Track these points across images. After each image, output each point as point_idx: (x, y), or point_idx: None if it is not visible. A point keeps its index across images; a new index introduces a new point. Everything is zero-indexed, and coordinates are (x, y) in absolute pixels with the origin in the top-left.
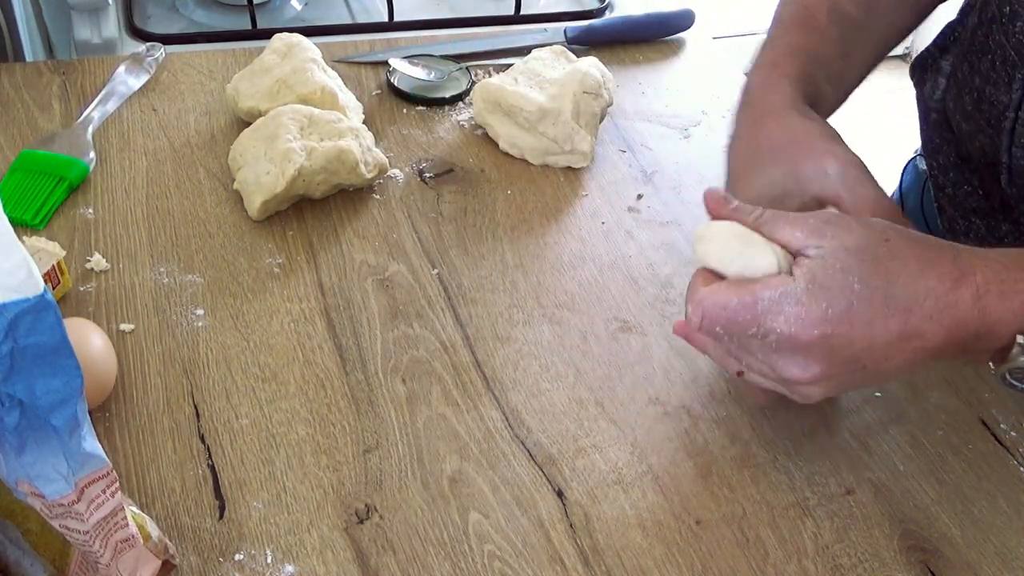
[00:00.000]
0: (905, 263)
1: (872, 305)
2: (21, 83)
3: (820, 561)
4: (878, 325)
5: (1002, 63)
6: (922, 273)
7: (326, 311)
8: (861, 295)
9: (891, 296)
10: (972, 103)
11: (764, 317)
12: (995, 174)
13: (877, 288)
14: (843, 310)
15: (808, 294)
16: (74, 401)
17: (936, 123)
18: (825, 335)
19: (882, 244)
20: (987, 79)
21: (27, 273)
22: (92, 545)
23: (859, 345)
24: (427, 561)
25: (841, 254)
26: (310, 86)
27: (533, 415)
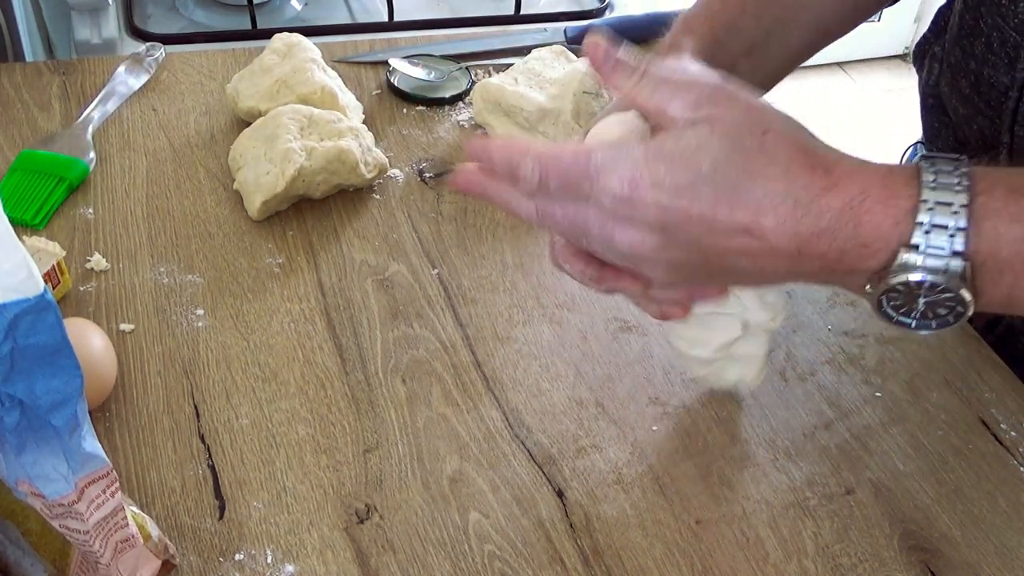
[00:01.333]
0: (772, 161)
1: (717, 189)
2: (21, 83)
3: (820, 561)
4: (722, 210)
5: (1000, 44)
6: (786, 174)
7: (326, 311)
8: (708, 177)
9: (743, 188)
10: (969, 86)
11: (598, 173)
12: (994, 157)
13: (729, 176)
14: (683, 183)
15: (648, 158)
16: (74, 401)
17: (933, 108)
18: (659, 202)
19: (758, 135)
20: (984, 61)
21: (27, 273)
22: (92, 545)
23: (696, 225)
24: (427, 561)
25: (703, 131)
26: (310, 86)
27: (533, 415)
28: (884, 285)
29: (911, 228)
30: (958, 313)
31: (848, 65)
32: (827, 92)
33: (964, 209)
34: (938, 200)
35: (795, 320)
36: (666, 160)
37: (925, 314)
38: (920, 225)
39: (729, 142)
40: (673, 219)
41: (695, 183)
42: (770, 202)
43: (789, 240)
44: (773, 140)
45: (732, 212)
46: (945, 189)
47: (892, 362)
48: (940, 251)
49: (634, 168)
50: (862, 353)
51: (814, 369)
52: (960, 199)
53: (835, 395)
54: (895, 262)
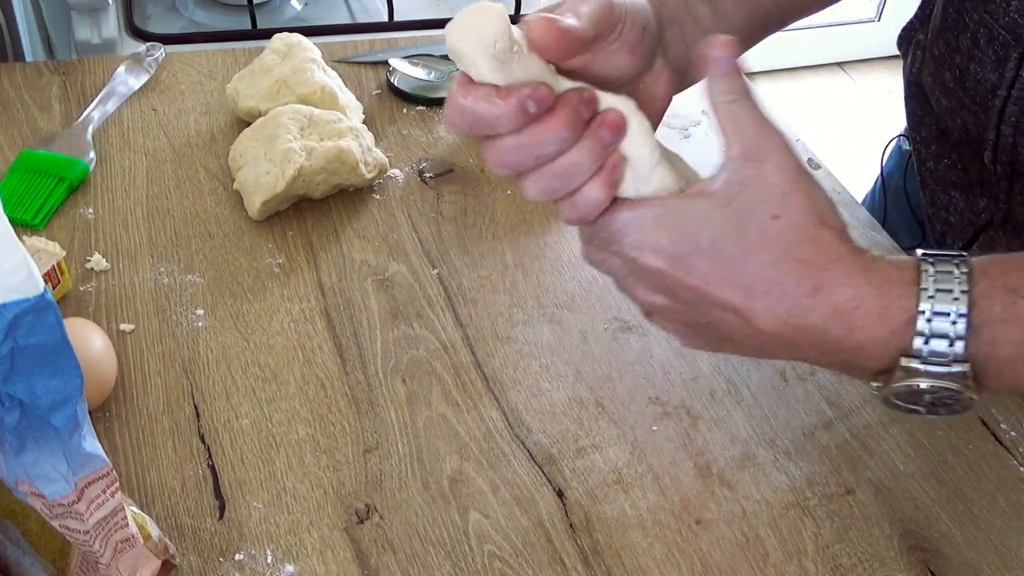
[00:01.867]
0: (771, 247)
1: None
2: (21, 83)
3: (820, 561)
4: (713, 284)
5: (988, 41)
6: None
7: (326, 311)
8: (705, 251)
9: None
10: (954, 80)
11: (618, 235)
12: (977, 150)
13: (724, 254)
14: (681, 253)
15: (653, 224)
16: (74, 401)
17: (916, 96)
18: (660, 269)
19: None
20: (970, 57)
21: (27, 273)
22: (92, 545)
23: (694, 296)
24: (427, 561)
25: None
26: (310, 86)
27: (533, 415)
28: (890, 388)
29: (911, 337)
30: (964, 405)
31: (848, 65)
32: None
33: (963, 319)
34: (936, 310)
35: None
36: (671, 228)
37: (933, 404)
38: (920, 335)
39: (735, 220)
40: (672, 284)
41: (691, 254)
42: (760, 287)
43: (778, 327)
44: (779, 227)
45: (722, 289)
46: (944, 295)
47: None
48: (941, 359)
49: (643, 234)
50: None
51: (814, 369)
52: (959, 307)
53: (835, 395)
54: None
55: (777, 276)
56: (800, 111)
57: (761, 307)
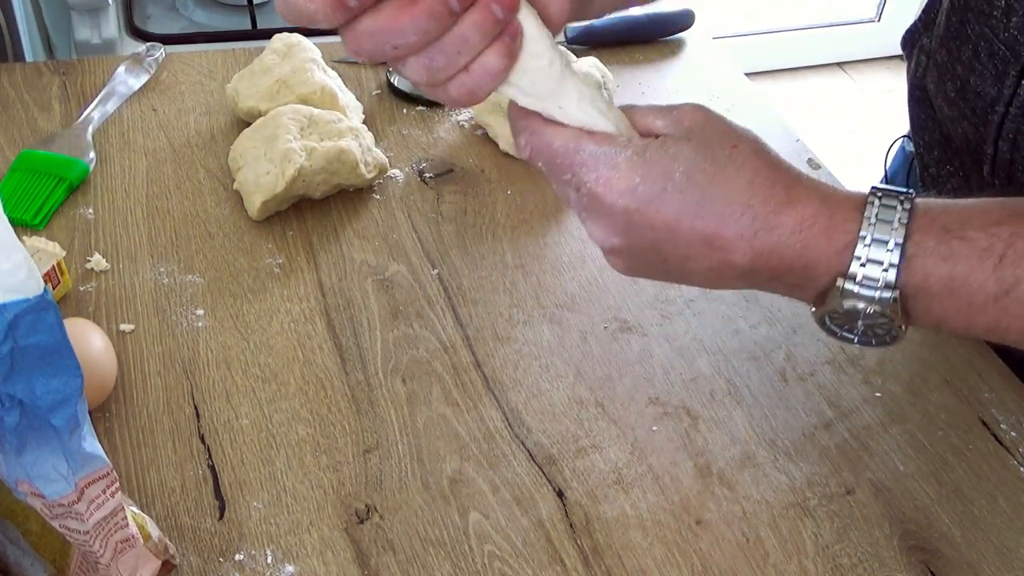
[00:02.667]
0: (738, 173)
1: (685, 199)
2: (21, 83)
3: (820, 561)
4: (685, 220)
5: (988, 56)
6: (749, 188)
7: (326, 311)
8: (679, 185)
9: (708, 199)
10: (955, 90)
11: (579, 168)
12: (977, 161)
13: (697, 185)
14: (653, 192)
15: (628, 162)
16: (74, 401)
17: (920, 100)
18: (627, 208)
19: (728, 147)
20: (971, 69)
21: (27, 273)
22: (92, 545)
23: (660, 232)
24: (427, 561)
25: (681, 142)
26: (310, 86)
27: (533, 415)
28: (825, 308)
29: (849, 259)
30: (893, 335)
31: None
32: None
33: (898, 248)
34: (875, 237)
35: (795, 320)
36: (644, 166)
37: (865, 333)
38: (857, 259)
39: (702, 150)
40: (638, 224)
41: (665, 192)
42: (731, 213)
43: (744, 253)
44: (741, 152)
45: (694, 222)
46: (884, 225)
47: (892, 362)
48: (874, 283)
49: (612, 171)
50: (862, 353)
51: (814, 369)
52: (896, 237)
53: (835, 395)
54: (834, 287)
55: (748, 197)
56: (800, 111)
57: (732, 234)
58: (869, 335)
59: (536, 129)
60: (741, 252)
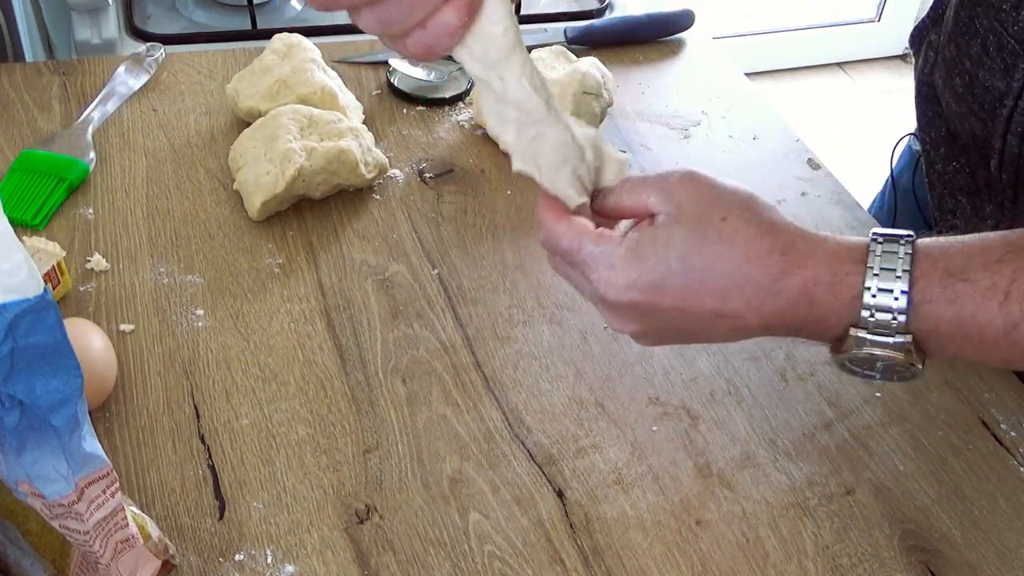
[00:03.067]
0: (732, 247)
1: (687, 281)
2: (21, 83)
3: (820, 561)
4: (691, 300)
5: (997, 50)
6: (747, 261)
7: (326, 311)
8: (676, 271)
9: (708, 278)
10: (963, 85)
11: (584, 267)
12: (984, 156)
13: (694, 268)
14: (653, 282)
15: (624, 260)
16: (74, 401)
17: (927, 97)
18: (632, 301)
19: (719, 222)
20: (979, 64)
21: (27, 273)
22: (92, 545)
23: (672, 313)
24: (427, 561)
25: (672, 226)
26: (310, 86)
27: (533, 415)
28: (844, 355)
29: (859, 310)
30: (913, 373)
31: (848, 65)
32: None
33: (904, 295)
34: (880, 287)
35: None
36: (639, 260)
37: (885, 371)
38: (866, 309)
39: (694, 231)
40: (648, 312)
41: (665, 280)
42: (733, 288)
43: (756, 319)
44: (732, 224)
45: (701, 300)
46: (887, 273)
47: None
48: (886, 329)
49: (610, 271)
50: None
51: (814, 369)
52: (900, 285)
53: (835, 395)
54: (848, 337)
55: (747, 272)
56: (800, 111)
57: (740, 304)
58: (890, 373)
59: (548, 227)
60: (752, 318)
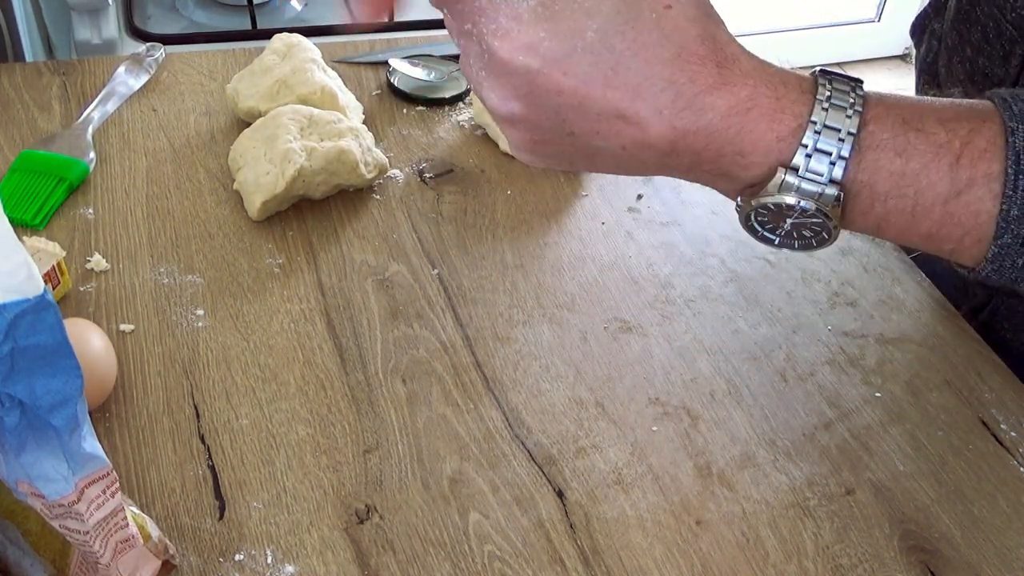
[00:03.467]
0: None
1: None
2: (21, 83)
3: (820, 561)
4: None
5: (996, 36)
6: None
7: (326, 311)
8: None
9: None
10: (964, 72)
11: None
12: None
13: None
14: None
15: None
16: (74, 401)
17: (928, 85)
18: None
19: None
20: (979, 50)
21: (27, 273)
22: (92, 545)
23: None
24: (427, 561)
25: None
26: (310, 86)
27: (533, 415)
28: (756, 202)
29: (794, 149)
30: (822, 238)
31: (848, 65)
32: None
33: (851, 137)
34: (827, 124)
35: (795, 320)
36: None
37: (790, 234)
38: (803, 147)
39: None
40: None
41: (573, 53)
42: (650, 88)
43: (663, 132)
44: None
45: (606, 92)
46: (837, 111)
47: (892, 362)
48: (818, 177)
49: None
50: (862, 353)
51: (814, 369)
52: (849, 125)
53: (835, 395)
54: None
55: (672, 74)
56: None
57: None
58: (793, 237)
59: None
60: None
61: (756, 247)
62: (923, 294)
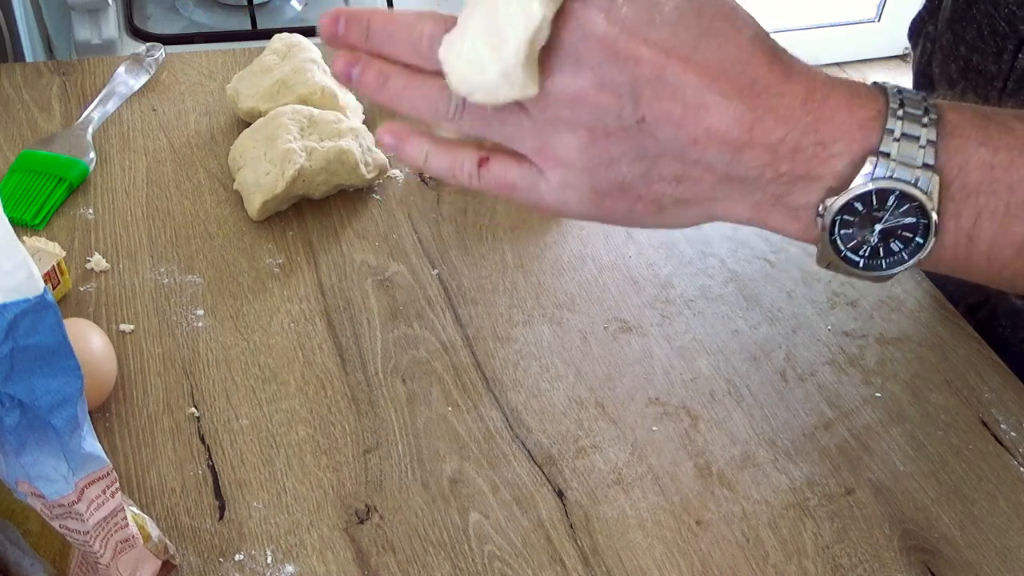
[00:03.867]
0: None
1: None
2: (21, 83)
3: (820, 561)
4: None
5: (990, 33)
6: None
7: (326, 311)
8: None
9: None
10: (958, 71)
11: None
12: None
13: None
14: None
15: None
16: (74, 401)
17: (924, 87)
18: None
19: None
20: (973, 48)
21: (27, 274)
22: (92, 545)
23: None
24: (427, 561)
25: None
26: (310, 86)
27: (533, 415)
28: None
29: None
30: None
31: (848, 65)
32: None
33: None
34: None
35: (795, 320)
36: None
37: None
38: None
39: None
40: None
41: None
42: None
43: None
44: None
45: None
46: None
47: (892, 362)
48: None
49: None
50: (862, 353)
51: (814, 369)
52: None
53: (835, 395)
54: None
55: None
56: None
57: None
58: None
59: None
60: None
61: (756, 247)
62: (923, 294)
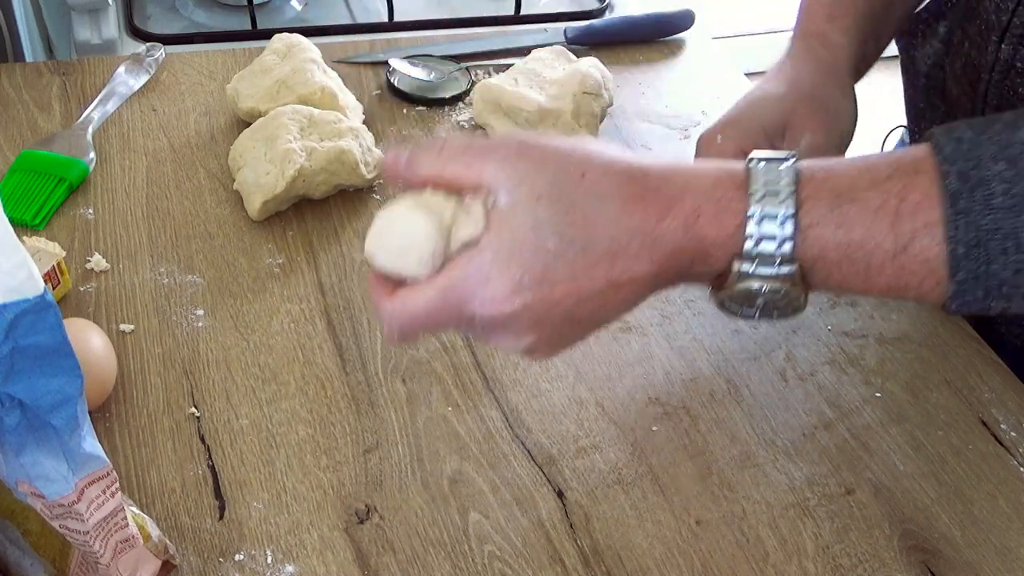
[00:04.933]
0: (603, 202)
1: (572, 260)
2: (21, 83)
3: (820, 561)
4: (583, 278)
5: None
6: (624, 211)
7: (326, 311)
8: (558, 252)
9: (592, 246)
10: (960, 67)
11: (460, 308)
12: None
13: (575, 240)
14: (539, 274)
15: (496, 267)
16: (74, 401)
17: (926, 88)
18: (526, 304)
19: (579, 182)
20: (973, 43)
21: (27, 274)
22: (92, 545)
23: (566, 303)
24: (427, 561)
25: (531, 205)
26: (310, 86)
27: (533, 415)
28: (724, 292)
29: (742, 241)
30: (796, 307)
31: None
32: None
33: (790, 220)
34: (764, 212)
35: (795, 320)
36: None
37: (765, 308)
38: (749, 238)
39: (558, 203)
40: (543, 312)
41: (548, 268)
42: (620, 246)
43: (649, 271)
44: (593, 180)
45: (592, 274)
46: (772, 197)
47: (892, 362)
48: (771, 260)
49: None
50: (862, 353)
51: (814, 369)
52: (786, 209)
53: (835, 395)
54: (732, 271)
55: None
56: None
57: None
58: (770, 310)
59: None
60: (642, 272)
61: None
62: None
